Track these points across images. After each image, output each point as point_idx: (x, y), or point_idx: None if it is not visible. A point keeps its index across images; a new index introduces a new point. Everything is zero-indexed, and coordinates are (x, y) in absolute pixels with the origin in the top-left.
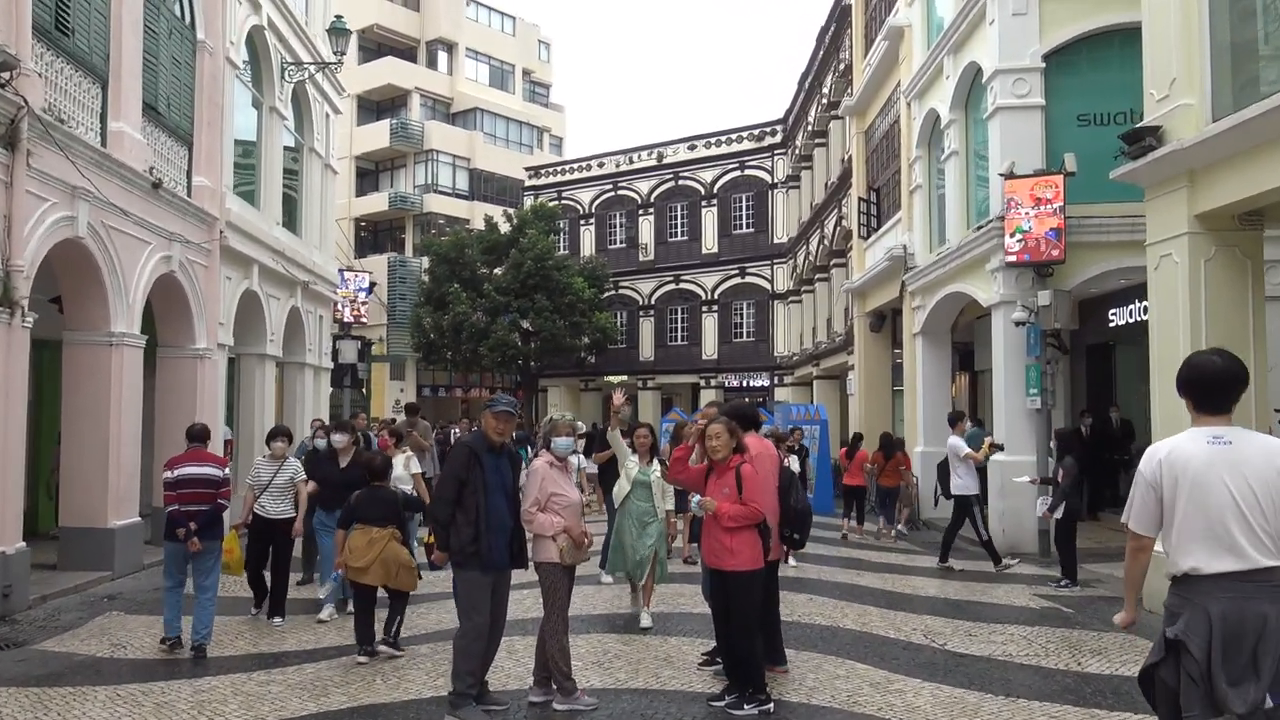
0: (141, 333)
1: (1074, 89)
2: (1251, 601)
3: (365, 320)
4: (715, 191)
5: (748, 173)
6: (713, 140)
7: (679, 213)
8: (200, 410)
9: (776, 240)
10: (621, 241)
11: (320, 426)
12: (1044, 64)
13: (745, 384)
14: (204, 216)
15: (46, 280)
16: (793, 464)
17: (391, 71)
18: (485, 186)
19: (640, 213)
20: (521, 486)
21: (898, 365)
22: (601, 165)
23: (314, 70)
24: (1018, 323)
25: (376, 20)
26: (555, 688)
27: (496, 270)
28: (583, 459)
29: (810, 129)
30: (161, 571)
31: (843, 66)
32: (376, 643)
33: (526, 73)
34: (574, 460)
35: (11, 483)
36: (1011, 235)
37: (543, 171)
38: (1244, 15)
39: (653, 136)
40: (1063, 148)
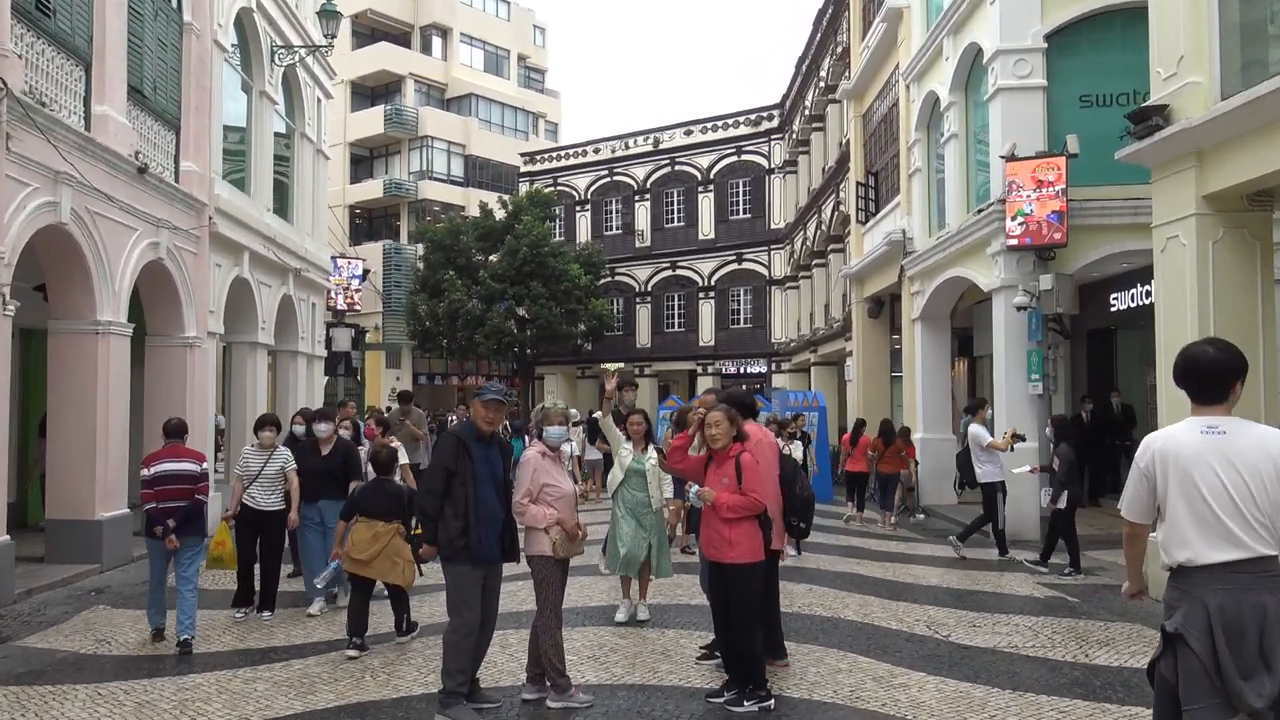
0: (129, 321)
1: (1076, 70)
2: (1249, 592)
3: (359, 308)
4: (712, 177)
5: (744, 158)
6: (709, 125)
7: (675, 198)
8: (190, 399)
9: (774, 226)
10: (618, 228)
11: (299, 415)
12: (1045, 44)
13: (743, 371)
14: (192, 202)
15: (32, 268)
16: (795, 451)
17: (385, 57)
18: (480, 173)
19: (636, 199)
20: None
21: (896, 351)
22: (597, 151)
23: (304, 54)
24: (1019, 307)
25: (370, 5)
26: (549, 684)
27: (492, 257)
28: (574, 447)
29: (807, 113)
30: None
31: (840, 49)
32: (393, 642)
33: (521, 58)
34: (566, 449)
35: None
36: (1013, 218)
37: (538, 157)
38: None
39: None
40: (1065, 129)
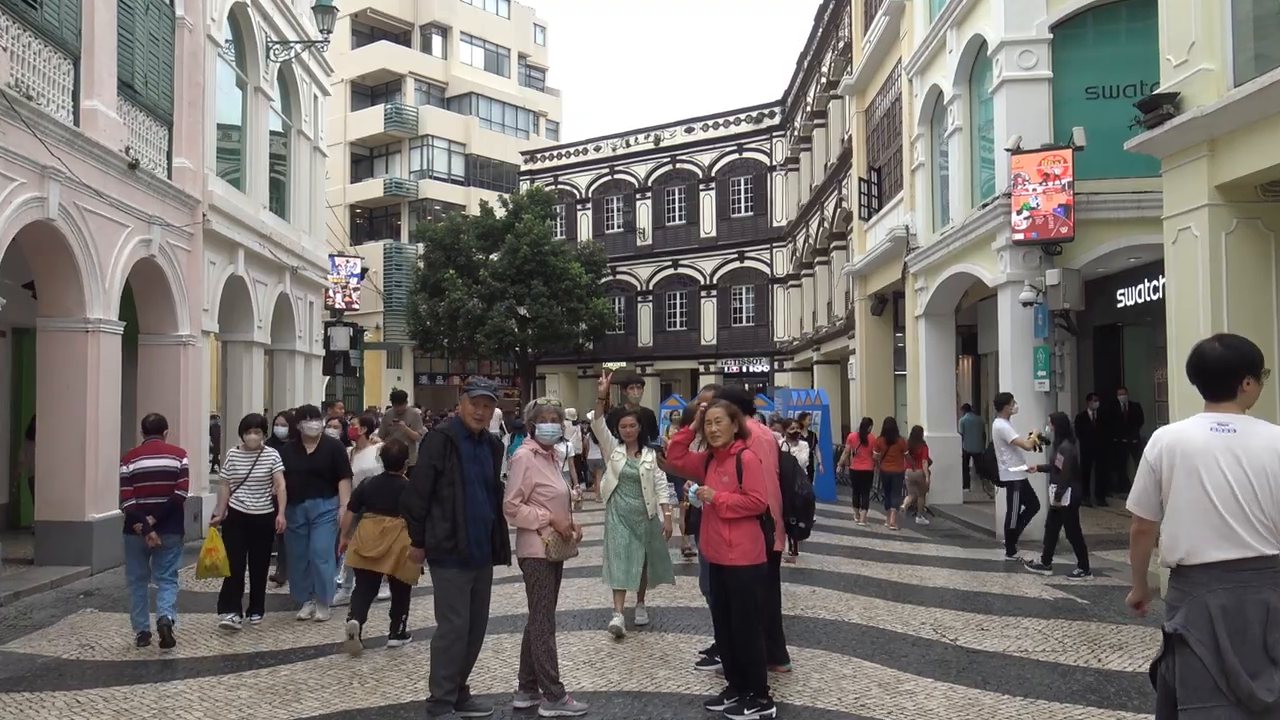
0: (121, 319)
1: (1082, 61)
2: (1250, 590)
3: (358, 307)
4: (713, 175)
5: (746, 155)
6: (710, 123)
7: (677, 196)
8: (184, 398)
9: (776, 224)
10: (619, 226)
11: (281, 416)
12: (1050, 35)
13: (745, 369)
14: (185, 199)
15: (21, 265)
16: (801, 450)
17: (385, 56)
18: (481, 172)
19: (637, 197)
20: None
21: (900, 349)
22: (598, 149)
23: (300, 49)
24: (1025, 303)
25: (370, 4)
26: (542, 692)
27: (492, 256)
28: (572, 446)
29: (809, 109)
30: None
31: (842, 44)
32: (385, 645)
33: (522, 56)
34: (561, 448)
35: None
36: (1018, 212)
37: (538, 156)
38: None
39: (650, 119)
40: (1071, 122)
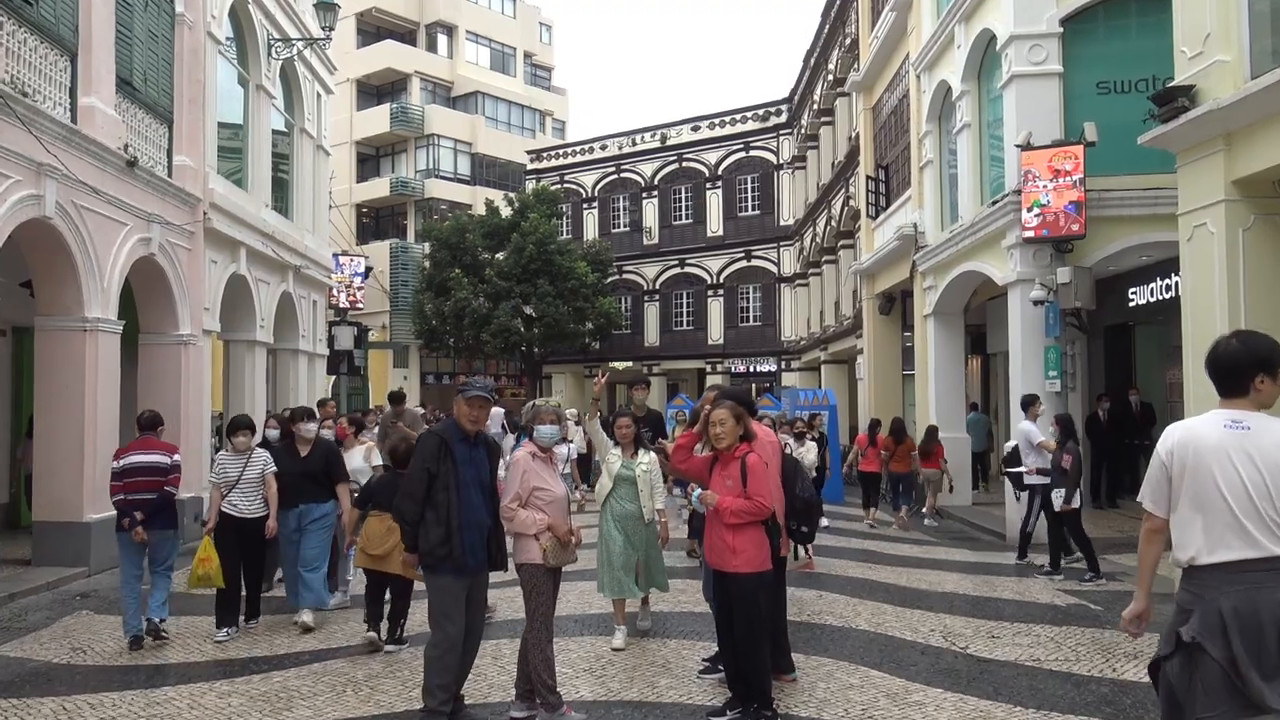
0: (121, 318)
1: (1093, 56)
2: (1264, 590)
3: (362, 306)
4: (720, 173)
5: (753, 154)
6: (717, 121)
7: (683, 195)
8: (185, 398)
9: (783, 222)
10: (625, 225)
11: (273, 418)
12: (1061, 29)
13: (752, 369)
14: (185, 197)
15: (19, 263)
16: (810, 451)
17: (391, 55)
18: (487, 171)
19: (644, 196)
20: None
21: (908, 348)
22: (604, 148)
23: (302, 47)
24: (1036, 301)
25: (375, 3)
26: (539, 702)
27: (498, 255)
28: (574, 448)
29: (816, 107)
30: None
31: (849, 41)
32: (384, 647)
33: (528, 55)
34: (561, 450)
35: None
36: (1029, 209)
37: (544, 155)
38: None
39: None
40: (1081, 117)
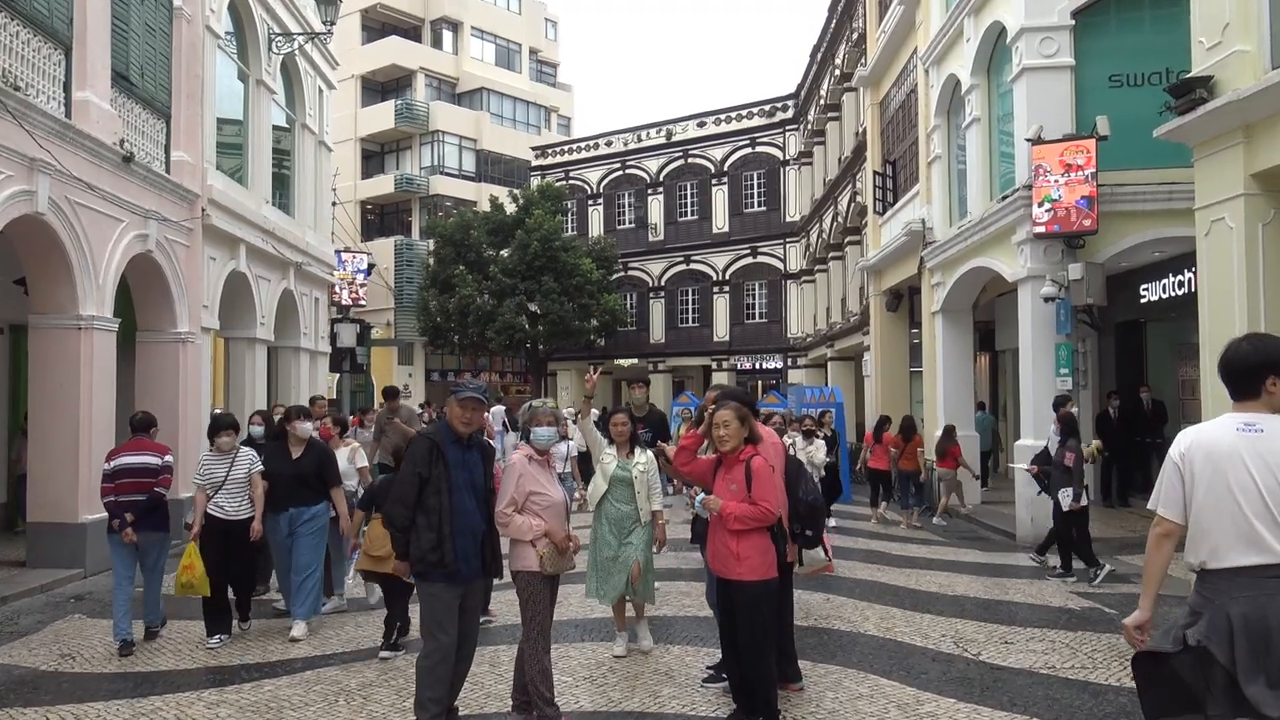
0: (118, 316)
1: (1105, 49)
2: (1276, 598)
3: (364, 303)
4: (726, 169)
5: (759, 149)
6: (723, 117)
7: (689, 192)
8: (183, 397)
9: (789, 219)
10: (630, 222)
11: (257, 415)
12: (1073, 21)
13: (758, 366)
14: (183, 193)
15: (14, 260)
16: (820, 450)
17: (396, 52)
18: (492, 168)
19: (649, 192)
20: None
21: (915, 346)
22: (609, 144)
23: (303, 41)
24: (1047, 298)
25: None
26: (536, 714)
27: (503, 252)
28: (573, 445)
29: (823, 103)
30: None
31: (856, 35)
32: (379, 655)
33: (533, 52)
34: (560, 449)
35: None
36: (1040, 204)
37: (549, 151)
38: None
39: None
40: (1093, 111)
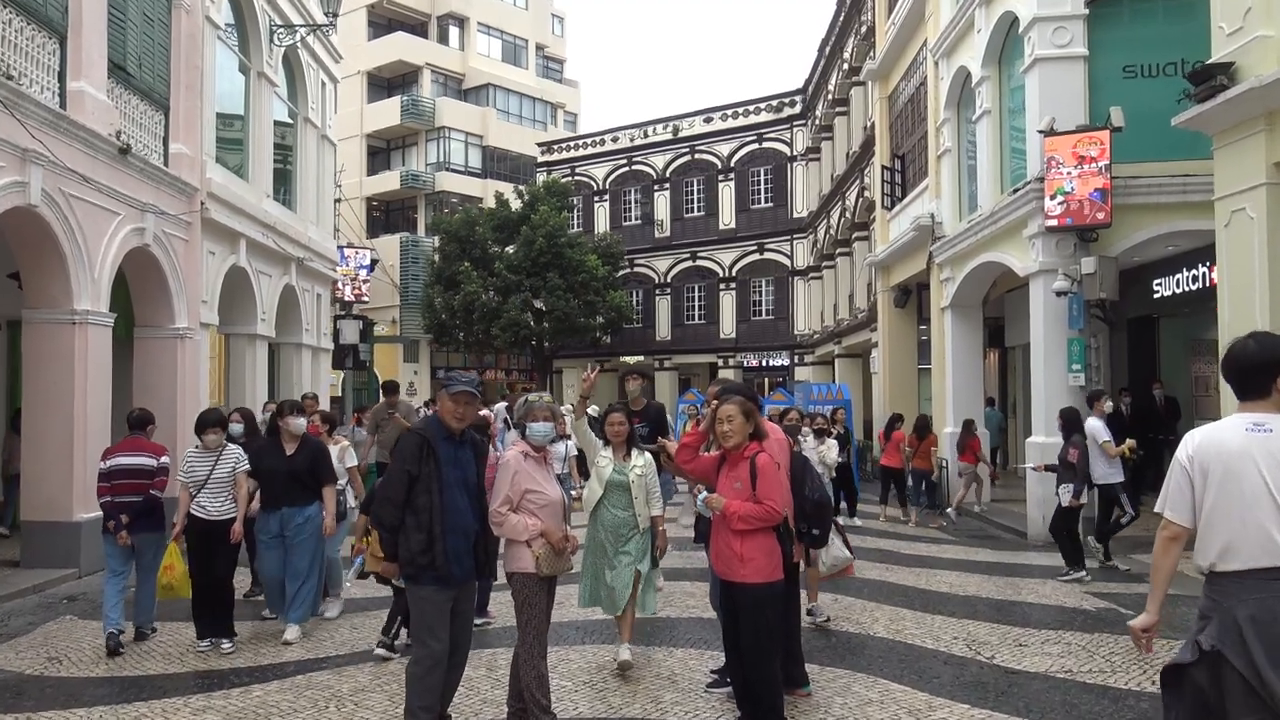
0: (113, 311)
1: (1119, 39)
2: None
3: (367, 299)
4: (732, 165)
5: (766, 145)
6: (729, 112)
7: (695, 188)
8: (181, 393)
9: (796, 215)
10: (636, 218)
11: (236, 412)
12: (1086, 11)
13: (765, 363)
14: (182, 186)
15: (8, 254)
16: (832, 450)
17: (402, 47)
18: (499, 164)
19: (655, 188)
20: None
21: (924, 342)
22: (615, 140)
23: (305, 33)
24: (1059, 293)
25: None
26: None
27: (508, 248)
28: (570, 444)
29: (831, 97)
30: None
31: (865, 29)
32: (374, 651)
33: (540, 47)
34: (559, 448)
35: None
36: (1052, 197)
37: (555, 147)
38: None
39: (668, 109)
40: (1107, 102)
